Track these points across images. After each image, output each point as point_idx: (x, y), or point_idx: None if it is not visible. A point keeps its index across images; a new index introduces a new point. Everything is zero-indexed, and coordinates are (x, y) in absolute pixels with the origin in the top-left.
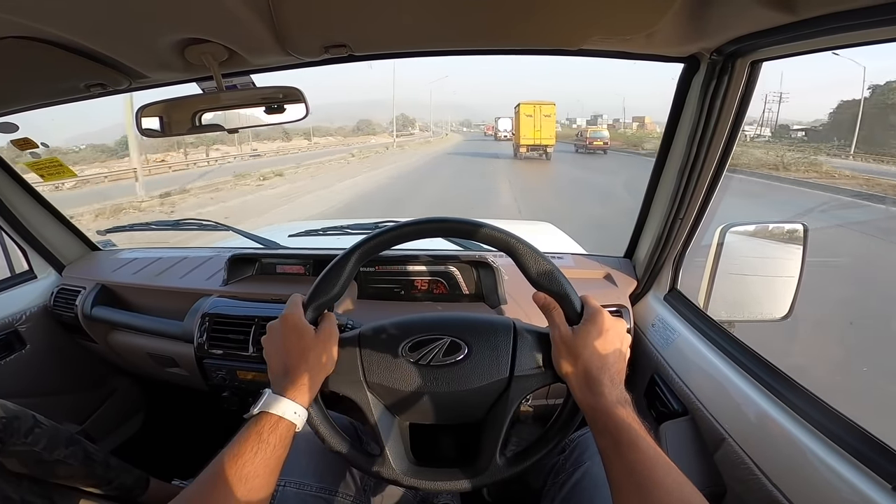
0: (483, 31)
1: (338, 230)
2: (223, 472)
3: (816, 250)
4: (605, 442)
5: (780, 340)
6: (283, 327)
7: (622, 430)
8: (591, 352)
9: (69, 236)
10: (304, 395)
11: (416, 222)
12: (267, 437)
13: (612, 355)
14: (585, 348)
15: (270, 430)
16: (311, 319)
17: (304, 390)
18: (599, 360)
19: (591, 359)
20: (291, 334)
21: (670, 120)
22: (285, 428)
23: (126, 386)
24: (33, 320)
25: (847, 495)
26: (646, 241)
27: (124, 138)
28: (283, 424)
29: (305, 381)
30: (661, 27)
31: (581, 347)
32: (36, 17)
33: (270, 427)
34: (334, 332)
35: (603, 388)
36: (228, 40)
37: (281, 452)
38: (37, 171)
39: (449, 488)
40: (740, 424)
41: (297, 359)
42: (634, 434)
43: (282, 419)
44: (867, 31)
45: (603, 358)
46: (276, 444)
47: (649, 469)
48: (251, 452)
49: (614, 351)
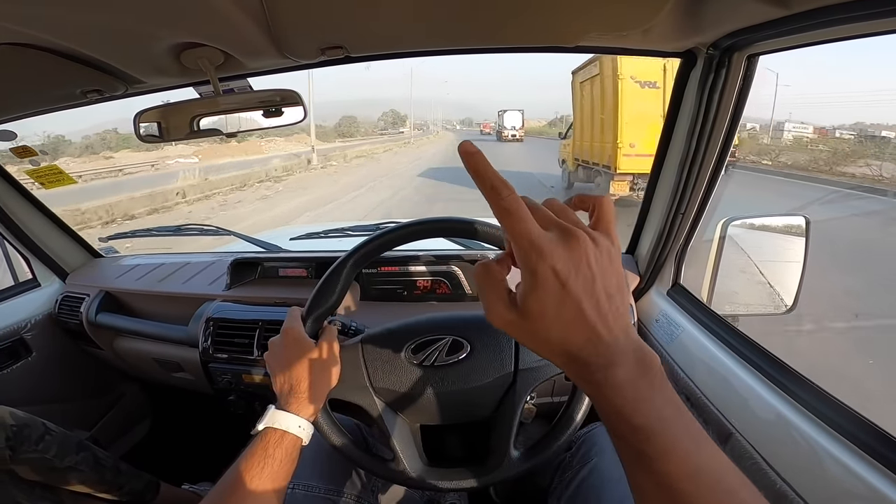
0: (479, 30)
1: (339, 232)
2: (232, 488)
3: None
4: (623, 449)
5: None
6: (283, 342)
7: (644, 436)
8: (546, 322)
9: (71, 244)
10: (309, 409)
11: (413, 224)
12: (273, 451)
13: (589, 300)
14: (538, 321)
15: (276, 445)
16: (311, 332)
17: (309, 404)
18: (561, 329)
19: (549, 332)
20: (292, 349)
21: (669, 115)
22: (290, 442)
23: (133, 391)
24: (38, 328)
25: (856, 489)
26: (647, 237)
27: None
28: (289, 439)
29: (309, 394)
30: (658, 22)
31: (533, 324)
32: (30, 24)
33: (276, 442)
34: (335, 343)
35: (593, 371)
36: (224, 44)
37: (288, 467)
38: (36, 178)
39: (465, 486)
40: (746, 419)
41: (299, 373)
42: (661, 439)
43: (286, 433)
44: (860, 23)
45: (566, 320)
46: (282, 458)
47: (690, 483)
48: (258, 468)
49: (585, 291)
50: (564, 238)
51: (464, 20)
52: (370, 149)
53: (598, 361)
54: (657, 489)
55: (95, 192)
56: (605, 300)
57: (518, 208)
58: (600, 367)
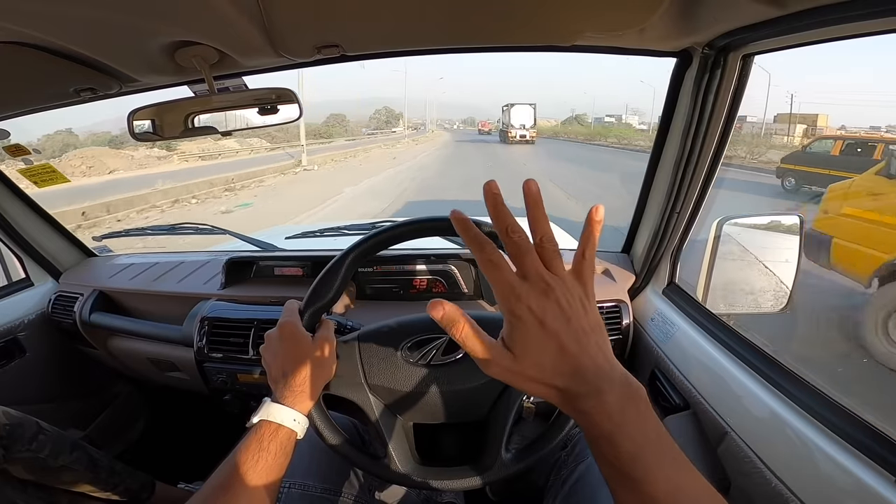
0: (475, 29)
1: (335, 231)
2: (226, 481)
3: None
4: (607, 472)
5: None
6: (280, 335)
7: (629, 461)
8: (531, 358)
9: (65, 243)
10: (304, 403)
11: (409, 223)
12: (267, 445)
13: (567, 332)
14: (524, 359)
15: (270, 438)
16: (308, 326)
17: (304, 397)
18: (548, 357)
19: (536, 366)
20: (288, 342)
21: (664, 114)
22: (285, 436)
23: (128, 391)
24: (32, 328)
25: (850, 488)
26: (643, 236)
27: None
28: (283, 432)
29: (304, 388)
30: (654, 22)
31: (520, 362)
32: (23, 22)
33: (270, 435)
34: (331, 338)
35: (582, 401)
36: (219, 42)
37: (282, 460)
38: (30, 177)
39: (456, 487)
40: (742, 418)
41: (294, 366)
42: (644, 465)
43: (281, 427)
44: (855, 23)
45: (549, 352)
46: (276, 451)
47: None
48: (252, 461)
49: (564, 324)
50: (539, 284)
51: (459, 19)
52: (340, 154)
53: (586, 390)
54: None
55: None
56: (583, 335)
57: (499, 260)
58: (590, 394)
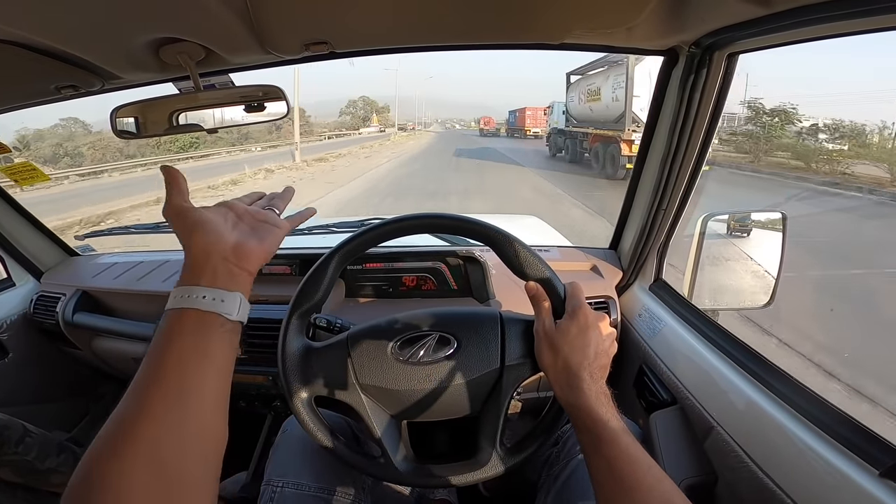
0: (464, 27)
1: (323, 228)
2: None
3: None
4: (586, 438)
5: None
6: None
7: (601, 426)
8: (572, 347)
9: (46, 242)
10: (231, 282)
11: (397, 220)
12: (205, 344)
13: (594, 351)
14: (566, 343)
15: (194, 331)
16: (298, 328)
17: (229, 276)
18: (580, 355)
19: (571, 354)
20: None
21: (651, 112)
22: (227, 326)
23: (113, 392)
24: (14, 328)
25: (834, 481)
26: (630, 233)
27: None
28: (209, 320)
29: (227, 265)
30: (642, 21)
31: (562, 342)
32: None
33: (193, 327)
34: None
35: (582, 383)
36: (205, 39)
37: (231, 354)
38: (10, 175)
39: (450, 483)
40: (728, 412)
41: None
42: (613, 431)
43: (207, 314)
44: (839, 23)
45: (583, 353)
46: (222, 351)
47: (629, 465)
48: (195, 365)
49: (596, 347)
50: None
51: (448, 17)
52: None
53: (582, 375)
54: (608, 470)
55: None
56: (601, 351)
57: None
58: (584, 378)
